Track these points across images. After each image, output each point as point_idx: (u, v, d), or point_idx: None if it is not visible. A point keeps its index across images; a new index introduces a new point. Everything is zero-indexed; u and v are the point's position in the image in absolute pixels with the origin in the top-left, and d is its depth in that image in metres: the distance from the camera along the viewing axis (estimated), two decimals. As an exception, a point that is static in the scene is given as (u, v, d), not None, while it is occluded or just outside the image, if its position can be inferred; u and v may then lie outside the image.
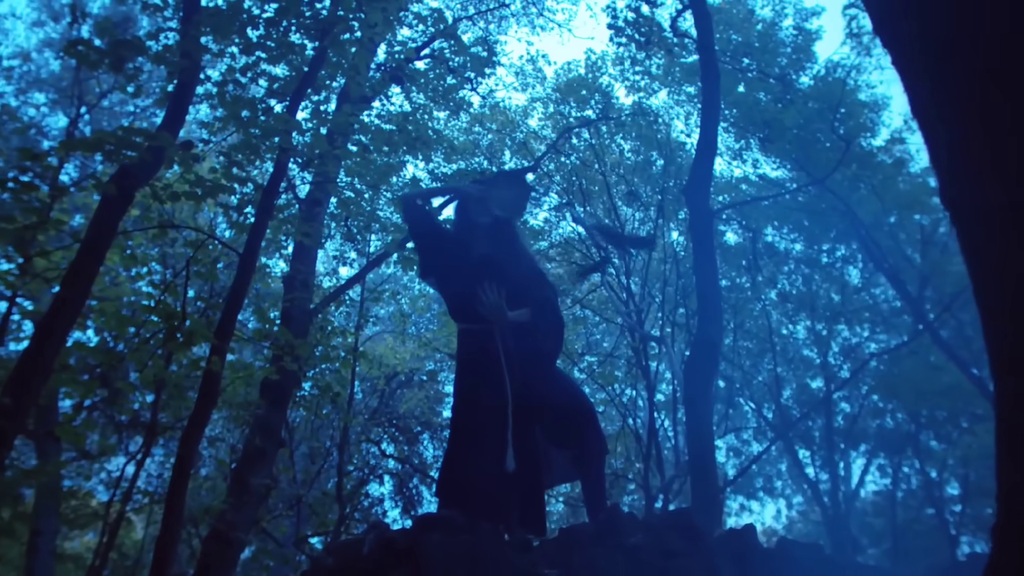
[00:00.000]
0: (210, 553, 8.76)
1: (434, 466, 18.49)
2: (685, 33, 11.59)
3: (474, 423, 3.57)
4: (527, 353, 3.63)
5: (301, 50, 7.98)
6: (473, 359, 3.75)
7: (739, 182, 15.02)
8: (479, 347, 3.71)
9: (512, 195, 4.12)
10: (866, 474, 19.05)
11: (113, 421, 15.87)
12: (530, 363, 3.61)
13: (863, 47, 13.24)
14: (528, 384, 3.55)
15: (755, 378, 17.23)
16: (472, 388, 3.69)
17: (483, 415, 3.55)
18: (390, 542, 3.01)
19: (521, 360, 3.59)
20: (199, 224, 7.81)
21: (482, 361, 3.68)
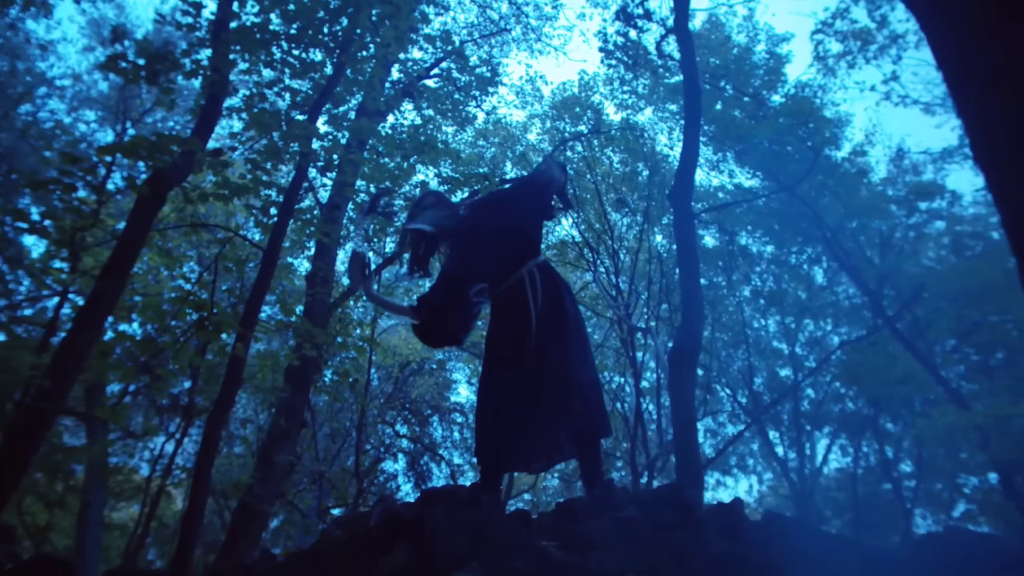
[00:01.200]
0: (239, 523, 8.58)
1: (443, 446, 18.34)
2: (669, 55, 11.39)
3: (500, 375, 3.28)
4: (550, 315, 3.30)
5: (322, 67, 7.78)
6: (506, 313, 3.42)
7: (717, 190, 14.81)
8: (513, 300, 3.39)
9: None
10: (829, 453, 18.82)
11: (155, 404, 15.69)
12: (553, 327, 3.28)
13: (828, 69, 13.02)
14: (548, 348, 3.23)
15: (730, 367, 17.01)
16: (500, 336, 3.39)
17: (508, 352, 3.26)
18: (396, 515, 2.79)
19: (546, 323, 3.27)
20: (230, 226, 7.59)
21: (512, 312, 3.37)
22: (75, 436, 16.36)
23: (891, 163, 15.42)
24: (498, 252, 3.42)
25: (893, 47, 11.96)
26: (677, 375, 7.19)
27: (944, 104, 12.80)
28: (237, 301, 7.09)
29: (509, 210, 3.56)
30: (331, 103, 7.39)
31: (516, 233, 3.46)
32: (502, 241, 3.43)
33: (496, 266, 3.44)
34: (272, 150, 6.04)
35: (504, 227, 3.46)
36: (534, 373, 3.18)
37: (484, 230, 3.48)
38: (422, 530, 2.79)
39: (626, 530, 2.87)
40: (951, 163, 13.41)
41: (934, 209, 14.74)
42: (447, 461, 17.45)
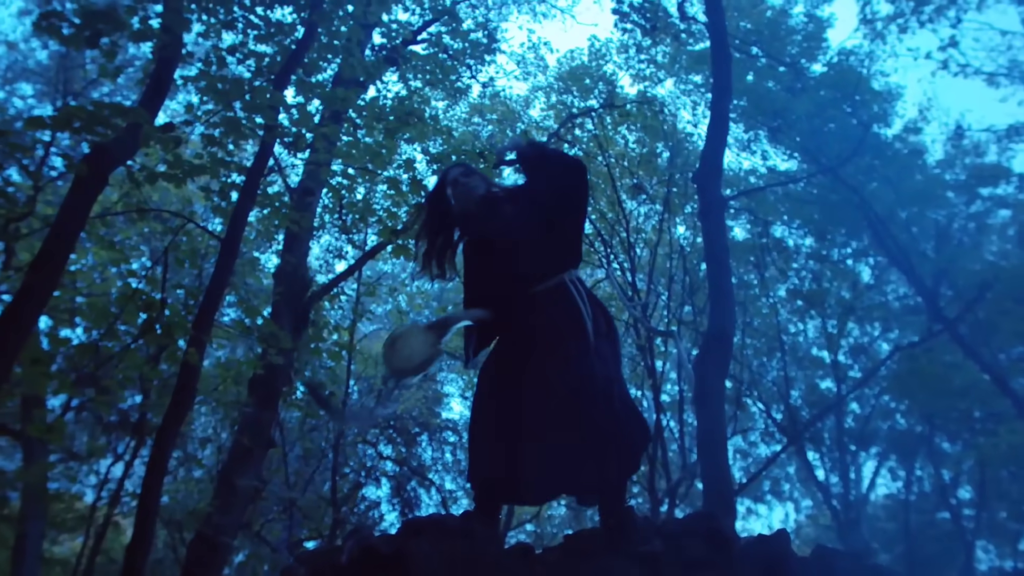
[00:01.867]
0: (195, 558, 8.42)
1: (433, 468, 18.17)
2: (693, 17, 11.25)
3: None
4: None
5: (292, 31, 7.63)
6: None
7: (747, 174, 14.66)
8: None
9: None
10: (877, 477, 18.68)
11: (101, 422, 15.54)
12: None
13: (877, 34, 12.87)
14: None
15: (763, 378, 16.85)
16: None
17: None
18: (372, 549, 2.64)
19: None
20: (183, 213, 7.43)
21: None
22: (9, 458, 16.22)
23: (949, 143, 15.27)
24: (537, 253, 3.23)
25: (952, 8, 11.82)
26: (704, 385, 7.04)
27: (1011, 74, 12.66)
28: (193, 300, 6.92)
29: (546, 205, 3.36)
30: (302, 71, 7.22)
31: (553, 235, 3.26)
32: (539, 241, 3.22)
33: (534, 267, 3.25)
34: (232, 123, 5.89)
35: (541, 225, 3.25)
36: (559, 387, 2.98)
37: (519, 227, 3.25)
38: (403, 567, 2.64)
39: (649, 569, 2.72)
40: (1018, 142, 13.24)
41: (998, 196, 14.59)
42: (438, 487, 17.28)
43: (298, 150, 6.47)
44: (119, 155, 6.07)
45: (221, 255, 5.76)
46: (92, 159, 5.88)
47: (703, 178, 7.68)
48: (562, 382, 2.95)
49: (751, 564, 2.80)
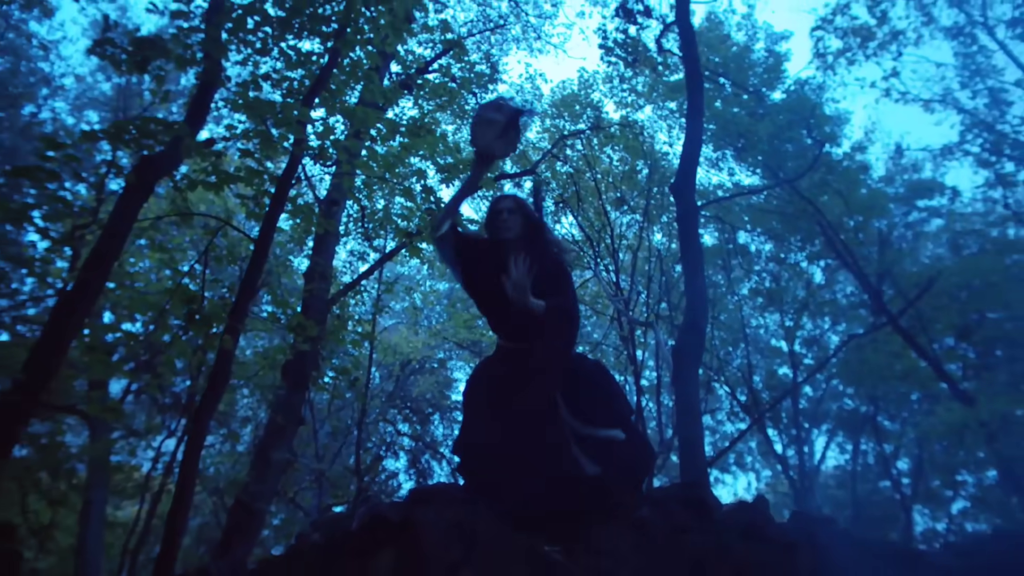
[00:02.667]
0: (235, 522, 8.20)
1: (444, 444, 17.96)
2: (669, 51, 11.02)
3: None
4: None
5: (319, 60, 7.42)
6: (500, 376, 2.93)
7: (716, 188, 14.43)
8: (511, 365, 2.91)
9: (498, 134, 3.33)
10: (827, 450, 18.46)
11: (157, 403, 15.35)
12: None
13: (828, 66, 12.65)
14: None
15: (729, 365, 16.62)
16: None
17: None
18: (381, 517, 2.42)
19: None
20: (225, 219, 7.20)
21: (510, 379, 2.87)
22: (77, 435, 16.00)
23: (890, 160, 15.06)
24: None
25: (894, 43, 11.59)
26: (680, 371, 6.81)
27: (944, 100, 12.44)
28: (229, 293, 6.71)
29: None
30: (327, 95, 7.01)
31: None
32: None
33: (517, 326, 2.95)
34: (264, 137, 5.67)
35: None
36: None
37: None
38: (410, 533, 2.42)
39: (638, 534, 2.50)
40: (951, 159, 13.04)
41: (933, 207, 14.38)
42: (448, 459, 17.06)
43: (323, 160, 6.25)
44: (164, 166, 5.85)
45: (254, 254, 5.53)
46: (140, 169, 5.67)
47: (679, 188, 7.45)
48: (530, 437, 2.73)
49: (733, 528, 2.57)
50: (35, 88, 15.19)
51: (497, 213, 3.10)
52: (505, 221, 3.06)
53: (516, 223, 3.08)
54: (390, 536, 2.43)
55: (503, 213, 3.08)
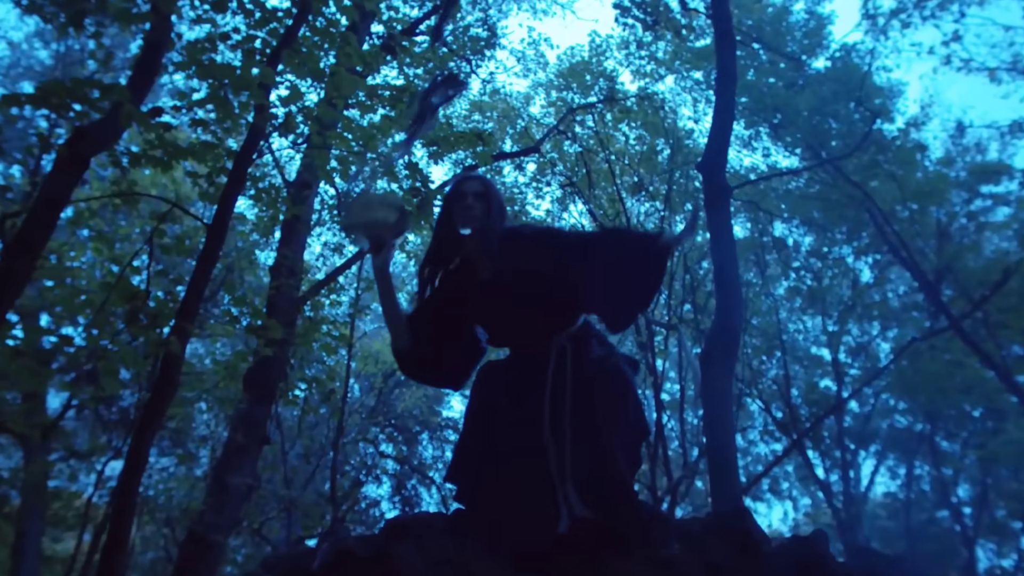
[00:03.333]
0: (187, 556, 8.01)
1: (434, 467, 17.78)
2: (695, 9, 10.85)
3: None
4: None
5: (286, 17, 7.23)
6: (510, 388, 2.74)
7: (748, 171, 14.24)
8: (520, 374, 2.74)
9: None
10: (876, 475, 18.27)
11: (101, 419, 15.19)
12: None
13: (879, 29, 12.47)
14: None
15: (763, 376, 16.43)
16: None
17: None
18: (348, 553, 2.23)
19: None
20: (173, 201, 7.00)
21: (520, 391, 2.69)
22: (9, 457, 15.80)
23: (950, 140, 14.87)
24: (522, 310, 2.75)
25: (955, 2, 11.41)
26: (710, 380, 6.62)
27: (1013, 69, 12.25)
28: (181, 289, 6.53)
29: (562, 262, 2.78)
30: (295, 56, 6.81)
31: (555, 295, 2.75)
32: (531, 300, 2.74)
33: (513, 326, 2.82)
34: (219, 101, 5.48)
35: (543, 281, 2.75)
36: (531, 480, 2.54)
37: (514, 275, 2.76)
38: (384, 573, 2.23)
39: (666, 574, 2.31)
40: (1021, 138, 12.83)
41: (999, 193, 14.18)
42: (438, 485, 16.86)
43: (289, 131, 6.07)
44: (102, 138, 5.67)
45: (208, 240, 5.33)
46: (72, 141, 5.49)
47: (708, 166, 7.27)
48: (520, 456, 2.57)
49: (783, 569, 2.38)
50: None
51: (460, 196, 2.85)
52: (470, 208, 2.82)
53: (481, 210, 2.83)
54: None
55: (467, 197, 2.83)
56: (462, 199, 2.83)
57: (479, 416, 2.79)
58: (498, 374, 2.85)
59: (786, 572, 2.37)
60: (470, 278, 2.84)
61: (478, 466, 2.65)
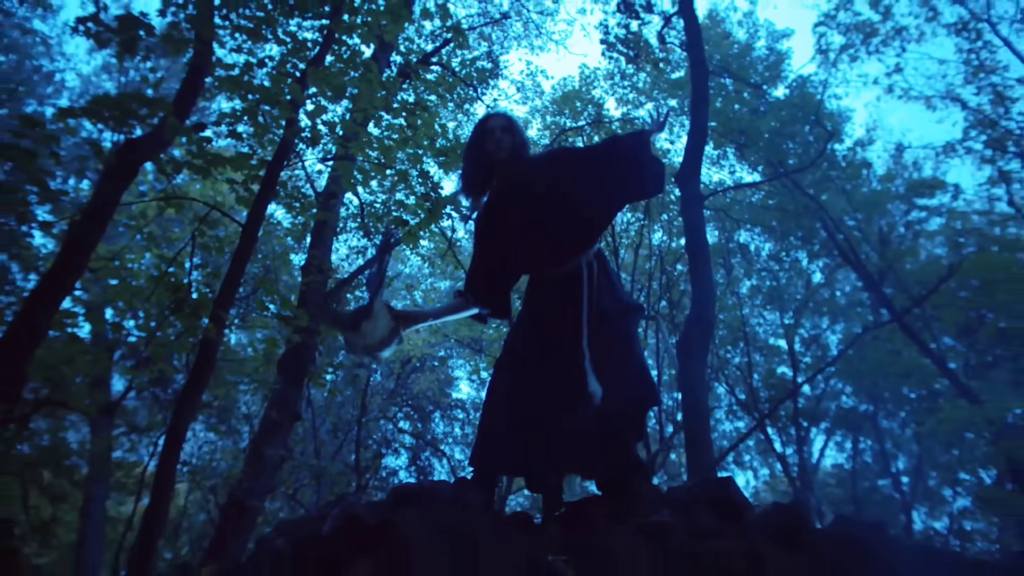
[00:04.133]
0: (227, 519, 7.79)
1: (445, 441, 17.54)
2: (671, 44, 10.62)
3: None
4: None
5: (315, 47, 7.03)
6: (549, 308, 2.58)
7: (717, 185, 14.02)
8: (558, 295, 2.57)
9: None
10: (826, 449, 18.03)
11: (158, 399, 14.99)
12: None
13: (831, 62, 12.24)
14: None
15: (729, 363, 16.20)
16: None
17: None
18: (356, 519, 2.00)
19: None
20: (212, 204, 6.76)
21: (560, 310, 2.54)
22: (79, 431, 15.60)
23: (891, 159, 14.63)
24: (555, 230, 2.56)
25: (897, 39, 11.18)
26: (687, 366, 6.39)
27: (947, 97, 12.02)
28: (216, 279, 6.32)
29: (581, 175, 2.63)
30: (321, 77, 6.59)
31: (583, 208, 2.58)
32: (563, 217, 2.56)
33: (549, 248, 2.59)
34: (252, 114, 5.26)
35: (570, 197, 2.58)
36: (568, 380, 2.39)
37: (544, 196, 2.59)
38: (390, 539, 2.00)
39: (657, 540, 2.09)
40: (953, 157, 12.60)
41: (933, 206, 13.95)
42: (448, 457, 16.63)
43: (315, 143, 5.84)
44: (149, 148, 5.45)
45: (242, 238, 5.12)
46: (122, 151, 5.28)
47: (684, 176, 7.04)
48: (562, 376, 2.40)
49: (765, 534, 2.15)
50: (37, 85, 14.81)
51: (489, 132, 2.71)
52: (499, 140, 2.68)
53: (509, 142, 2.69)
54: (367, 542, 2.01)
55: (495, 132, 2.70)
56: (491, 133, 2.70)
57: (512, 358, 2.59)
58: (523, 320, 2.67)
59: (768, 538, 2.14)
60: (503, 206, 2.69)
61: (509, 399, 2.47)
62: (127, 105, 4.86)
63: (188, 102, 6.05)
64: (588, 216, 2.58)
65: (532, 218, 2.59)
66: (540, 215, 2.57)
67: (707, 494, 2.25)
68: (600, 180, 2.61)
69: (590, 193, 2.58)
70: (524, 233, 2.61)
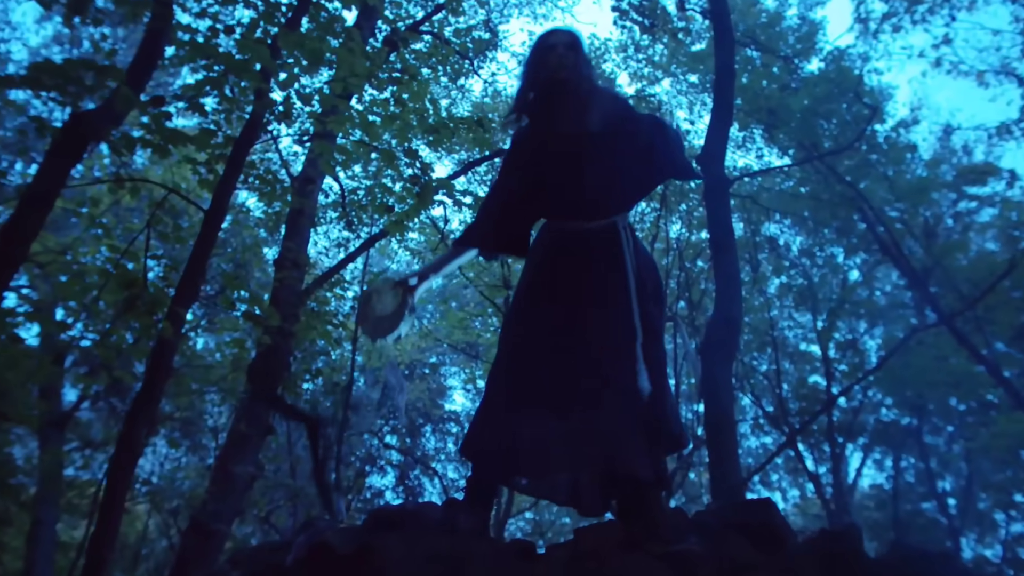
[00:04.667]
0: (189, 545, 7.65)
1: (436, 458, 17.41)
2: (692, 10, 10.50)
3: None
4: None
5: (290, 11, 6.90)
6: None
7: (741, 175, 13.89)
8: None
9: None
10: (863, 467, 17.90)
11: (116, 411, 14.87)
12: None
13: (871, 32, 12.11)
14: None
15: (755, 371, 16.07)
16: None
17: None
18: (326, 547, 1.87)
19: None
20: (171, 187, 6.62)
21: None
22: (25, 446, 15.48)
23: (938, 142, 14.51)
24: (596, 175, 2.46)
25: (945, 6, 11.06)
26: (710, 373, 6.26)
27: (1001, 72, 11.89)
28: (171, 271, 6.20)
29: (640, 132, 2.55)
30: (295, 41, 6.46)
31: (626, 170, 2.50)
32: (607, 167, 2.46)
33: (586, 192, 2.47)
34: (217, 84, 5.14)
35: (619, 153, 2.49)
36: (607, 365, 2.25)
37: (594, 137, 2.49)
38: (367, 571, 1.88)
39: (683, 572, 1.96)
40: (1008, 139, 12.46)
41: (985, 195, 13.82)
42: (440, 476, 16.50)
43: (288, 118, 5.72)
44: (100, 124, 5.31)
45: (204, 227, 4.99)
46: (69, 126, 5.14)
47: (707, 159, 6.92)
48: (601, 342, 2.26)
49: (811, 565, 2.02)
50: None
51: (550, 48, 2.58)
52: (562, 56, 2.54)
53: (572, 60, 2.55)
54: (339, 575, 1.89)
55: (558, 47, 2.56)
56: (553, 49, 2.57)
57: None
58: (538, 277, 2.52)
59: (815, 569, 2.01)
60: (549, 131, 2.56)
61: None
62: (72, 72, 4.74)
63: (144, 72, 5.91)
64: (628, 181, 2.51)
65: (576, 152, 2.48)
66: (585, 153, 2.47)
67: (741, 519, 2.12)
68: (646, 154, 2.53)
69: (636, 160, 2.51)
70: (563, 168, 2.50)
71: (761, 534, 2.07)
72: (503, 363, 2.42)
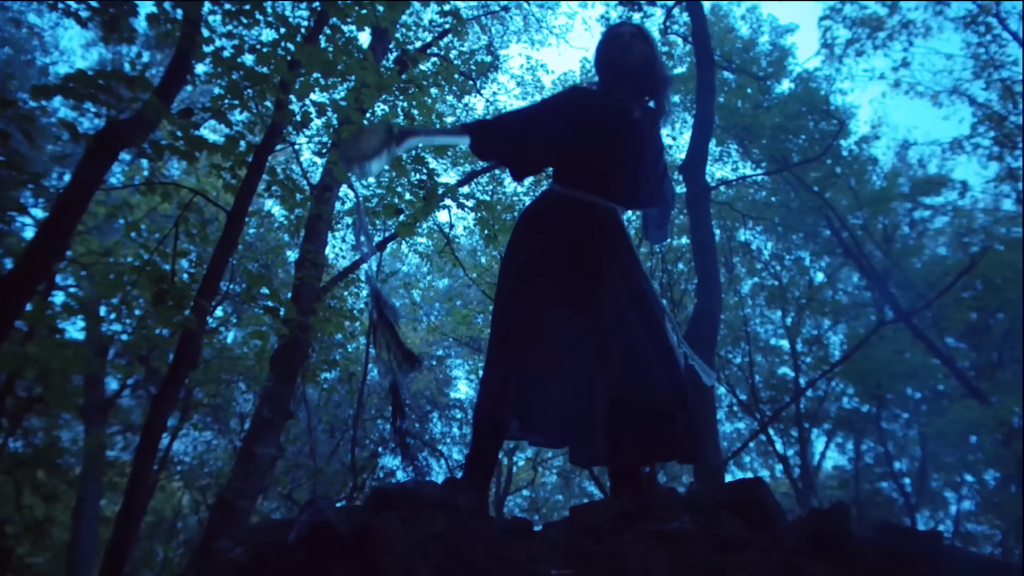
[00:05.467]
0: (216, 520, 7.48)
1: (443, 441, 17.24)
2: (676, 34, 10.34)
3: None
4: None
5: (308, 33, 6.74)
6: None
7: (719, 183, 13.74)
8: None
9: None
10: (827, 450, 17.75)
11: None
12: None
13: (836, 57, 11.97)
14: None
15: (730, 364, 15.91)
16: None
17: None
18: (326, 527, 1.70)
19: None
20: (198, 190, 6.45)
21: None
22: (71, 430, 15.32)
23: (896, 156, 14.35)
24: (616, 165, 2.31)
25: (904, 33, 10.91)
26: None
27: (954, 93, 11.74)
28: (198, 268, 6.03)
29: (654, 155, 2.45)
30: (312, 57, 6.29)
31: (641, 179, 2.40)
32: (629, 164, 2.34)
33: (604, 172, 2.31)
34: (238, 92, 4.97)
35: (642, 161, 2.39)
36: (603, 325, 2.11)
37: (629, 135, 2.35)
38: (367, 549, 1.71)
39: (675, 551, 1.79)
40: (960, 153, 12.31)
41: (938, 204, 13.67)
42: (446, 457, 16.33)
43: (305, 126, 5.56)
44: (132, 133, 5.15)
45: (227, 226, 4.84)
46: (103, 134, 4.98)
47: (689, 168, 6.76)
48: (633, 306, 2.11)
49: (801, 543, 1.85)
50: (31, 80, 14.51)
51: (617, 37, 2.42)
52: (628, 44, 2.38)
53: (640, 48, 2.37)
54: (340, 553, 1.71)
55: (624, 36, 2.41)
56: (619, 38, 2.40)
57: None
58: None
59: (804, 546, 1.84)
60: (605, 106, 2.36)
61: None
62: (106, 84, 4.57)
63: (174, 86, 5.75)
64: (645, 178, 2.40)
65: (618, 131, 2.31)
66: (626, 136, 2.32)
67: (733, 497, 1.95)
68: (656, 167, 2.46)
69: (652, 165, 2.41)
70: (603, 140, 2.32)
71: (752, 512, 1.90)
72: (518, 326, 2.18)
